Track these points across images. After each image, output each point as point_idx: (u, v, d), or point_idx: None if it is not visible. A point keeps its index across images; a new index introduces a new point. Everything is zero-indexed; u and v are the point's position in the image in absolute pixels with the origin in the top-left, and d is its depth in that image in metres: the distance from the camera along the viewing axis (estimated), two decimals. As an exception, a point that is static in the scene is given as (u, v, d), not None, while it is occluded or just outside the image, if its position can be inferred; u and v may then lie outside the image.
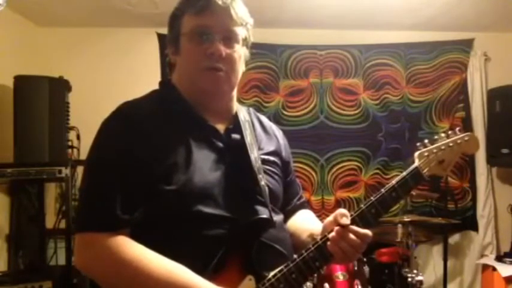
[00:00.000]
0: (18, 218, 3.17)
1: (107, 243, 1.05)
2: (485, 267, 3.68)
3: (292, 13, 3.45)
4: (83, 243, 1.10)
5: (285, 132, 1.47)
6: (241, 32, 1.24)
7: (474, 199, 3.85)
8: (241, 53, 1.25)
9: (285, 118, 3.75)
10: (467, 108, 3.87)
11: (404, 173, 1.19)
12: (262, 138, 1.34)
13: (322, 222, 1.23)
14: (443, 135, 1.24)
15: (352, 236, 1.12)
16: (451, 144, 1.22)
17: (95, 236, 1.07)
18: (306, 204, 1.49)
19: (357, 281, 2.32)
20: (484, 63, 3.87)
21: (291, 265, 1.12)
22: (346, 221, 1.12)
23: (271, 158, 1.32)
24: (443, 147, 1.22)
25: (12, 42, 3.26)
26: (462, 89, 3.87)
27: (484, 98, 3.84)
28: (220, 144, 1.21)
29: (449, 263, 3.57)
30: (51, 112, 2.95)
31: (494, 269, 3.44)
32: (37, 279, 2.75)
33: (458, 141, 1.23)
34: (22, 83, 2.94)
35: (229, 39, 1.21)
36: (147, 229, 1.10)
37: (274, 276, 1.11)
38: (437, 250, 3.77)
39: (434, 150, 1.22)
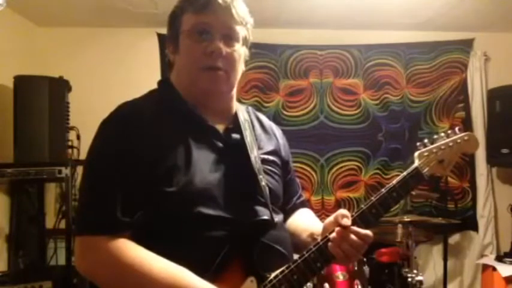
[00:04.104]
0: (18, 218, 3.16)
1: (108, 247, 1.04)
2: (485, 267, 3.68)
3: (292, 13, 3.45)
4: (83, 246, 1.09)
5: (285, 132, 1.46)
6: (241, 31, 1.23)
7: (474, 199, 3.85)
8: (241, 52, 1.24)
9: (285, 118, 3.75)
10: (467, 108, 3.87)
11: (405, 173, 1.19)
12: (262, 137, 1.34)
13: (322, 222, 1.23)
14: (443, 134, 1.24)
15: (353, 236, 1.11)
16: (450, 144, 1.22)
17: (95, 240, 1.06)
18: (306, 203, 1.49)
19: (357, 281, 2.32)
20: (484, 63, 3.87)
21: (292, 266, 1.12)
22: (347, 221, 1.12)
23: (271, 158, 1.31)
24: (443, 147, 1.21)
25: (12, 42, 3.26)
26: (462, 89, 3.87)
27: (484, 98, 3.84)
28: (220, 145, 1.20)
29: (449, 263, 3.57)
30: (51, 112, 2.95)
31: (494, 269, 3.44)
32: (37, 279, 2.75)
33: (458, 140, 1.22)
34: (22, 83, 2.94)
35: (230, 37, 1.20)
36: (147, 231, 1.09)
37: (275, 277, 1.11)
38: (437, 250, 3.77)
39: (434, 150, 1.21)
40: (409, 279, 2.83)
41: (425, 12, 3.46)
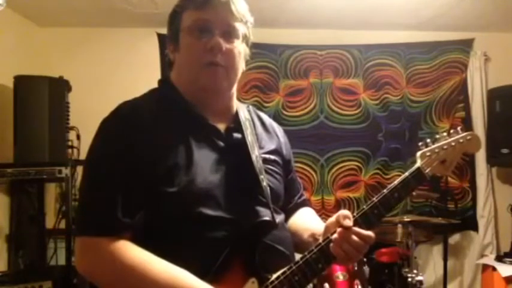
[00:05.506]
0: (18, 218, 3.16)
1: (109, 248, 1.04)
2: (485, 267, 3.68)
3: (292, 13, 3.45)
4: (84, 247, 1.08)
5: (285, 132, 1.46)
6: (241, 28, 1.22)
7: (474, 199, 3.85)
8: (241, 49, 1.23)
9: (285, 118, 3.74)
10: (467, 108, 3.87)
11: (407, 173, 1.19)
12: (263, 136, 1.33)
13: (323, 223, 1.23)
14: (445, 134, 1.23)
15: (354, 237, 1.11)
16: (453, 144, 1.21)
17: (96, 241, 1.05)
18: (307, 202, 1.48)
19: (357, 281, 2.32)
20: (484, 63, 3.87)
21: (294, 267, 1.11)
22: (348, 223, 1.11)
23: (272, 157, 1.30)
24: (445, 147, 1.21)
25: (12, 42, 3.26)
26: (462, 89, 3.87)
27: (484, 98, 3.84)
28: (222, 144, 1.19)
29: (449, 263, 3.57)
30: (51, 112, 2.95)
31: (494, 269, 3.44)
32: (37, 279, 2.75)
33: (461, 140, 1.22)
34: (22, 83, 2.94)
35: (229, 34, 1.20)
36: (148, 232, 1.09)
37: (277, 278, 1.10)
38: (437, 250, 3.77)
39: (436, 150, 1.21)
40: (409, 279, 2.83)
41: (425, 12, 3.46)
